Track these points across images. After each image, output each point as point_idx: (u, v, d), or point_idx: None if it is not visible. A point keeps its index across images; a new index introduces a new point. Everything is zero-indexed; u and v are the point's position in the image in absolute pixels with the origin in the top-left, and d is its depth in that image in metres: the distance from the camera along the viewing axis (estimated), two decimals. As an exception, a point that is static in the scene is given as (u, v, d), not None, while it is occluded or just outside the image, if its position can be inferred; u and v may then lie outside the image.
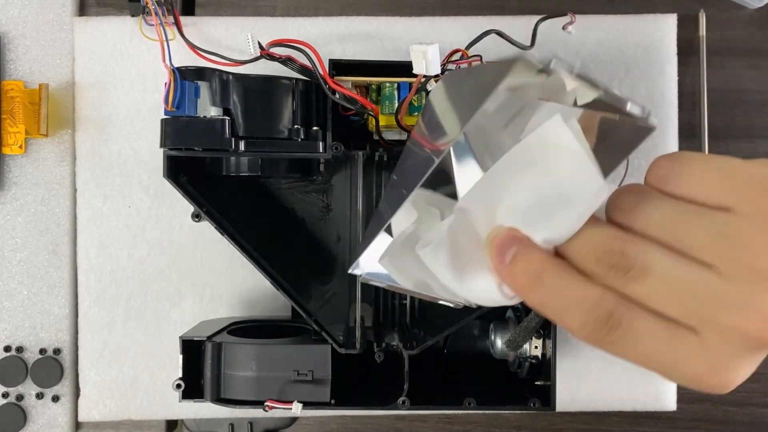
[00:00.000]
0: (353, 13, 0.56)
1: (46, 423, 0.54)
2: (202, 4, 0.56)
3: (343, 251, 0.53)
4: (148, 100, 0.54)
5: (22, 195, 0.54)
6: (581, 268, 0.30)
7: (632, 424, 0.57)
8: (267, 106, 0.43)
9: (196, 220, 0.47)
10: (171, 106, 0.42)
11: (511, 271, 0.31)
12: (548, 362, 0.47)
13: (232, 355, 0.46)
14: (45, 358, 0.54)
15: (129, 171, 0.54)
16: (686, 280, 0.28)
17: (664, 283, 0.29)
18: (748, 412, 0.57)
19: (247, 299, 0.55)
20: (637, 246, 0.29)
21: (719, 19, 0.57)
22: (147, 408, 0.55)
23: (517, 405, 0.48)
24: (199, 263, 0.55)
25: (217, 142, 0.42)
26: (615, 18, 0.55)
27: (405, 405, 0.46)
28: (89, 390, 0.54)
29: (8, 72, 0.54)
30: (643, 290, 0.29)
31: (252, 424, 0.55)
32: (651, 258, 0.29)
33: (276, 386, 0.45)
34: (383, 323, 0.52)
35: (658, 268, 0.29)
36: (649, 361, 0.29)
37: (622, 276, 0.29)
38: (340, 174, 0.53)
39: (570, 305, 0.29)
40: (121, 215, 0.54)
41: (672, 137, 0.55)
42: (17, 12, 0.54)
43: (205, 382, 0.46)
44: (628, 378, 0.55)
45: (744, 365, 0.29)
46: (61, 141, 0.54)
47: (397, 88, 0.45)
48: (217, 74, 0.43)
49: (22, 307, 0.54)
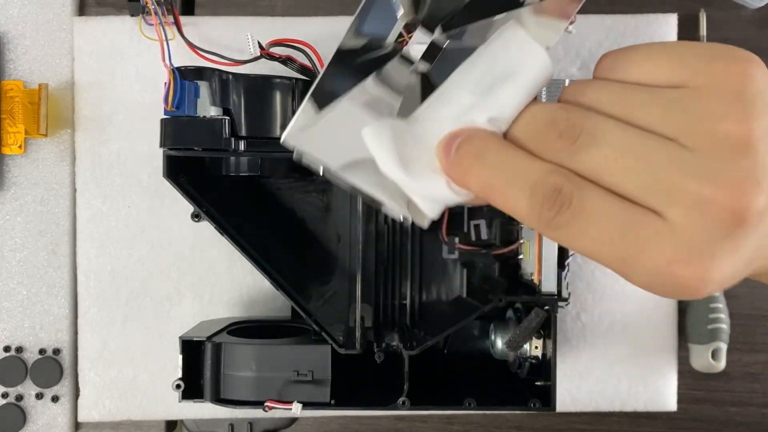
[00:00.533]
0: (352, 14, 0.55)
1: (46, 423, 0.54)
2: (202, 4, 0.56)
3: (343, 251, 0.53)
4: (148, 100, 0.54)
5: (21, 195, 0.54)
6: (527, 147, 0.27)
7: (632, 425, 0.57)
8: (267, 106, 0.43)
9: (195, 220, 0.47)
10: (171, 105, 0.42)
11: (455, 160, 0.28)
12: (548, 362, 0.47)
13: (232, 355, 0.46)
14: (44, 359, 0.54)
15: (128, 171, 0.54)
16: (644, 149, 0.25)
17: (618, 152, 0.25)
18: (749, 413, 0.57)
19: (247, 299, 0.55)
20: (585, 114, 0.26)
21: (719, 19, 0.56)
22: (146, 408, 0.55)
23: (517, 405, 0.48)
24: (199, 263, 0.55)
25: (216, 141, 0.42)
26: (615, 18, 0.55)
27: (405, 405, 0.46)
28: (89, 390, 0.54)
29: (8, 72, 0.54)
30: (594, 162, 0.25)
31: (252, 424, 0.55)
32: (602, 126, 0.26)
33: (276, 386, 0.45)
34: (383, 323, 0.52)
35: (611, 136, 0.25)
36: (604, 251, 0.25)
37: (570, 146, 0.26)
38: (340, 174, 0.53)
39: (515, 182, 0.26)
40: (120, 215, 0.54)
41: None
42: (17, 12, 0.54)
43: (205, 383, 0.46)
44: (628, 378, 0.55)
45: (722, 251, 0.25)
46: (61, 141, 0.54)
47: (397, 88, 0.44)
48: (216, 74, 0.43)
49: (21, 308, 0.54)
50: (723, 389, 0.57)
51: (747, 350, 0.57)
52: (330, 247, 0.54)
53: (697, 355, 0.55)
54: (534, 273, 0.46)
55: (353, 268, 0.51)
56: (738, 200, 0.24)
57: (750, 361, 0.57)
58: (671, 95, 0.26)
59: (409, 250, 0.52)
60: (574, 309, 0.55)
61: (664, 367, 0.56)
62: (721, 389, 0.57)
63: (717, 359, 0.55)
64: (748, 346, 0.57)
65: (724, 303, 0.55)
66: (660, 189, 0.25)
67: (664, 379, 0.56)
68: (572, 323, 0.55)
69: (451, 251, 0.53)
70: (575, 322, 0.55)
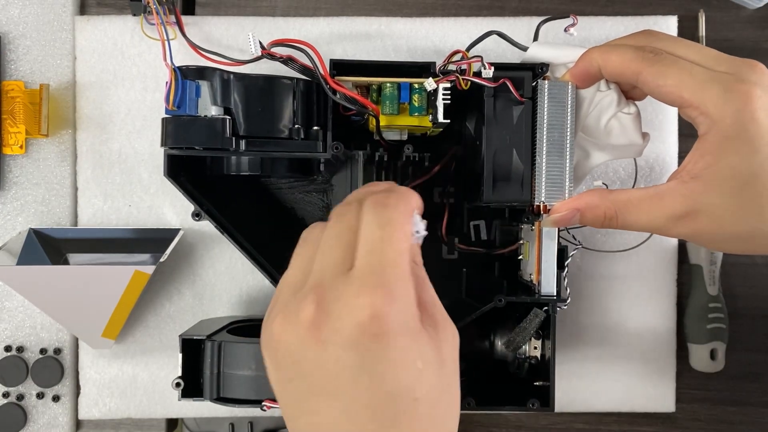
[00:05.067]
0: (354, 14, 0.56)
1: (47, 422, 0.54)
2: (203, 4, 0.56)
3: (343, 251, 0.53)
4: (149, 99, 0.54)
5: (22, 195, 0.54)
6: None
7: (631, 425, 0.57)
8: (268, 106, 0.44)
9: (196, 219, 0.47)
10: (172, 105, 0.42)
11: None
12: (547, 363, 0.47)
13: (232, 354, 0.46)
14: (45, 358, 0.54)
15: (129, 170, 0.54)
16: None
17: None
18: (748, 412, 0.57)
19: (247, 298, 0.55)
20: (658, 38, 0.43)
21: (719, 19, 0.57)
22: (146, 406, 0.55)
23: (516, 405, 0.48)
24: (199, 262, 0.55)
25: (217, 141, 0.42)
26: (615, 19, 0.55)
27: (404, 405, 0.46)
28: (89, 388, 0.55)
29: (9, 72, 0.54)
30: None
31: (252, 423, 0.55)
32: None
33: (275, 385, 0.45)
34: (383, 323, 0.52)
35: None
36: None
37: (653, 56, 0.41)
38: (341, 173, 0.53)
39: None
40: (121, 214, 0.54)
41: (672, 137, 0.56)
42: (18, 12, 0.54)
43: (205, 381, 0.46)
44: (627, 379, 0.56)
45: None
46: (62, 141, 0.54)
47: (398, 88, 0.45)
48: (218, 73, 0.43)
49: (22, 307, 0.54)
50: (722, 389, 0.57)
51: (746, 350, 0.57)
52: (330, 247, 0.54)
53: (696, 355, 0.56)
54: (533, 274, 0.46)
55: (353, 268, 0.51)
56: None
57: (749, 361, 0.57)
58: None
59: (409, 250, 0.52)
60: (572, 309, 0.55)
61: (662, 368, 0.56)
62: (720, 389, 0.57)
63: (716, 359, 0.55)
64: (747, 346, 0.57)
65: (723, 303, 0.56)
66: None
67: (662, 379, 0.56)
68: (571, 324, 0.55)
69: (450, 252, 0.54)
70: (574, 323, 0.55)
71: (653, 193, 0.40)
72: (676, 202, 0.39)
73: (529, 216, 0.45)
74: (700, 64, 0.39)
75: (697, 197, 0.38)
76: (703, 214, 0.38)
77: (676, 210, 0.39)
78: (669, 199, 0.39)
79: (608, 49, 0.42)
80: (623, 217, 0.41)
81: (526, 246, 0.48)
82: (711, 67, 0.39)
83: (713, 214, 0.38)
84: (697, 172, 0.38)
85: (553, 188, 0.43)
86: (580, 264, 0.55)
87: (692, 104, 0.38)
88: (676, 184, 0.39)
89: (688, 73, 0.39)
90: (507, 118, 0.44)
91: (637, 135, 0.44)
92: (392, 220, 0.31)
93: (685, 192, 0.39)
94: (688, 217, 0.39)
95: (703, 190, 0.38)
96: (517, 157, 0.44)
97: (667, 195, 0.39)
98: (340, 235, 0.32)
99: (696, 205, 0.38)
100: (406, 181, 0.52)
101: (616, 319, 0.56)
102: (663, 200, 0.39)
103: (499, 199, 0.44)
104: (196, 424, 0.56)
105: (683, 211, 0.39)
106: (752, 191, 0.38)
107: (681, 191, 0.39)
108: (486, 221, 0.52)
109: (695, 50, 0.40)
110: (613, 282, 0.56)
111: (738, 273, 0.57)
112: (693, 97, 0.38)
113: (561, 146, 0.43)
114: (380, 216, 0.31)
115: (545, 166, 0.43)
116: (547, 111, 0.43)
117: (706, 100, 0.38)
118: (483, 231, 0.52)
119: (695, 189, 0.38)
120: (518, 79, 0.44)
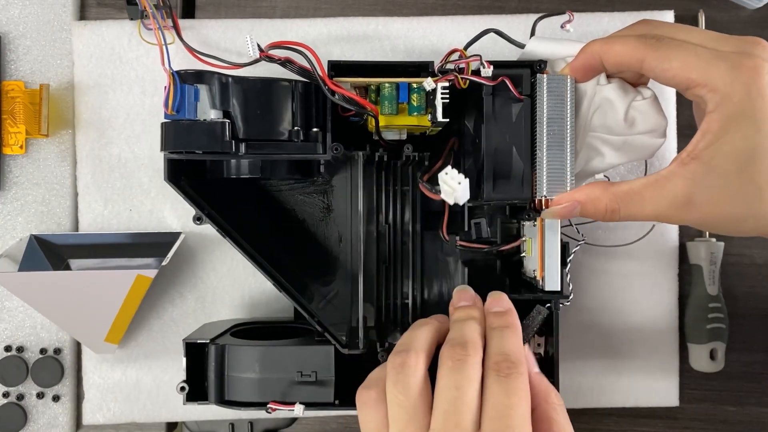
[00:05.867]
0: (352, 14, 0.56)
1: (47, 423, 0.54)
2: (202, 6, 0.56)
3: (345, 251, 0.53)
4: (148, 104, 0.54)
5: (22, 195, 0.54)
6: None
7: (633, 424, 0.57)
8: (267, 109, 0.44)
9: (197, 223, 0.47)
10: (171, 109, 0.42)
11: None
12: (551, 359, 0.47)
13: (236, 357, 0.46)
14: (45, 358, 0.54)
15: (129, 174, 0.54)
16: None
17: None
18: (748, 412, 0.57)
19: (249, 301, 0.55)
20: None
21: (719, 19, 0.57)
22: (150, 411, 0.55)
23: (520, 403, 0.48)
24: (201, 265, 0.55)
25: (217, 145, 0.42)
26: (613, 16, 0.55)
27: (408, 404, 0.46)
28: (93, 393, 0.55)
29: (9, 72, 0.54)
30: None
31: (252, 423, 0.55)
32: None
33: (280, 387, 0.46)
34: (386, 323, 0.52)
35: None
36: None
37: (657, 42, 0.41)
38: (341, 174, 0.54)
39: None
40: (122, 218, 0.54)
41: (671, 137, 0.56)
42: (18, 12, 0.55)
43: (209, 385, 0.46)
44: (630, 375, 0.56)
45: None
46: (62, 141, 0.54)
47: (396, 88, 0.44)
48: (216, 77, 0.43)
49: (22, 307, 0.54)
50: (722, 389, 0.57)
51: (746, 350, 0.57)
52: (331, 248, 0.54)
53: (696, 355, 0.56)
54: (537, 270, 0.46)
55: (355, 268, 0.51)
56: None
57: (749, 361, 0.57)
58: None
59: (411, 249, 0.52)
60: (576, 306, 0.55)
61: (665, 362, 0.56)
62: (719, 389, 0.57)
63: (716, 359, 0.55)
64: (746, 346, 0.57)
65: (723, 303, 0.56)
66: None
67: (665, 374, 0.56)
68: (574, 320, 0.55)
69: (451, 250, 0.53)
70: (577, 320, 0.55)
71: (654, 180, 0.40)
72: (677, 187, 0.39)
73: (531, 213, 0.45)
74: (703, 45, 0.39)
75: (697, 179, 0.38)
76: (703, 196, 0.39)
77: (677, 195, 0.39)
78: (670, 184, 0.39)
79: (610, 40, 0.42)
80: (626, 209, 0.41)
81: (529, 242, 0.48)
82: (715, 47, 0.39)
83: (712, 195, 0.38)
84: (697, 153, 0.38)
85: (554, 182, 0.43)
86: (581, 260, 0.55)
87: (700, 83, 0.38)
88: (676, 166, 0.39)
89: (693, 53, 0.39)
90: (506, 115, 0.44)
91: (660, 117, 0.43)
92: (518, 390, 0.36)
93: (686, 174, 0.39)
94: (690, 203, 0.39)
95: (703, 171, 0.38)
96: (516, 154, 0.44)
97: (667, 180, 0.39)
98: (463, 398, 0.36)
99: (695, 187, 0.38)
100: (407, 186, 0.52)
101: (619, 317, 0.56)
102: (664, 187, 0.39)
103: (499, 197, 0.44)
104: (197, 424, 0.56)
105: (684, 195, 0.39)
106: (752, 170, 0.38)
107: (681, 173, 0.39)
108: (487, 219, 0.52)
109: (696, 33, 0.40)
110: (614, 277, 0.56)
111: (738, 273, 0.57)
112: (700, 77, 0.38)
113: (561, 140, 0.43)
114: (506, 385, 0.36)
115: (546, 161, 0.43)
116: (546, 105, 0.43)
117: (714, 77, 0.38)
118: (484, 228, 0.52)
119: (695, 170, 0.38)
120: (517, 77, 0.44)
